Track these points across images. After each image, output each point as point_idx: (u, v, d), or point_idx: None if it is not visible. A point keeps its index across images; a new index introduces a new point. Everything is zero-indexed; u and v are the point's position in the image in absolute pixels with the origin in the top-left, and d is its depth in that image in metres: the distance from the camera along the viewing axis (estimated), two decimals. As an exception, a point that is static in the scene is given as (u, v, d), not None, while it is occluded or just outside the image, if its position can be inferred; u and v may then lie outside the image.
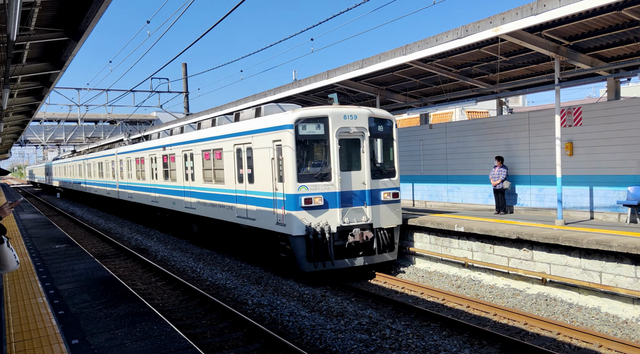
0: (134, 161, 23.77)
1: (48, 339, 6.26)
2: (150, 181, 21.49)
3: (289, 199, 11.47)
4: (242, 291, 11.41)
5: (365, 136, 12.01)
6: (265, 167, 12.38)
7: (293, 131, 11.40)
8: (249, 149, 13.14)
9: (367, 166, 12.01)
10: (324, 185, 11.54)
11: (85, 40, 11.24)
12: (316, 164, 11.72)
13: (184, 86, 34.72)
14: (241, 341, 8.39)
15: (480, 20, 10.93)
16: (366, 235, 11.73)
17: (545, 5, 9.60)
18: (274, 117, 12.30)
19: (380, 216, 12.21)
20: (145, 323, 6.84)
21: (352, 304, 10.08)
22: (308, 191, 11.40)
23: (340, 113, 11.76)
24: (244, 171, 13.45)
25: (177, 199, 18.57)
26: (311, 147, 11.80)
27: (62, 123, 52.10)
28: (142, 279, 13.14)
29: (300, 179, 11.39)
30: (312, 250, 11.29)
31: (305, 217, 11.35)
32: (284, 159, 11.56)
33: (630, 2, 9.79)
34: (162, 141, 20.30)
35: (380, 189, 12.23)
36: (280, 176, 11.82)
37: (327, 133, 11.63)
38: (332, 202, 11.57)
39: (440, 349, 7.69)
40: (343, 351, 7.69)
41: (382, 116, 12.50)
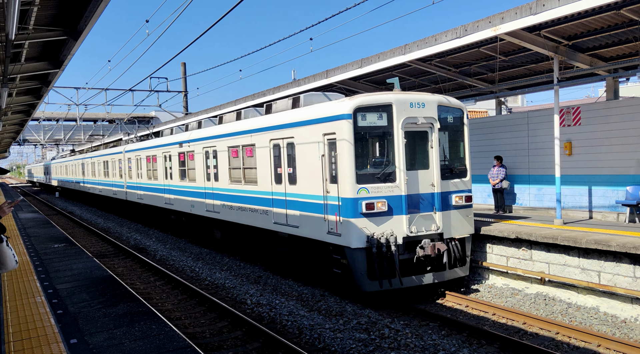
0: (145, 159, 21.92)
1: (47, 339, 6.25)
2: (164, 181, 19.61)
3: (346, 204, 9.72)
4: (241, 290, 11.41)
5: (434, 127, 10.28)
6: (312, 166, 10.65)
7: (352, 122, 9.60)
8: (289, 145, 11.40)
9: (437, 164, 10.26)
10: (388, 187, 9.82)
11: (84, 39, 11.23)
12: (378, 161, 9.97)
13: (183, 85, 34.70)
14: (240, 340, 8.39)
15: (479, 20, 10.94)
16: (438, 247, 9.98)
17: (545, 5, 9.60)
18: (323, 106, 10.62)
19: (452, 223, 10.46)
20: (144, 323, 6.84)
21: (350, 304, 10.09)
22: (369, 194, 9.64)
23: (405, 101, 10.00)
24: (284, 170, 11.67)
25: (196, 202, 16.69)
26: (372, 142, 10.04)
27: (61, 122, 52.05)
28: (140, 279, 13.13)
29: (360, 180, 9.63)
30: (377, 265, 9.51)
31: (366, 226, 9.60)
32: (339, 155, 9.79)
33: (629, 2, 9.79)
34: (178, 137, 18.42)
35: (450, 192, 10.50)
36: (332, 175, 10.12)
37: (390, 124, 9.88)
38: (397, 208, 9.83)
39: (439, 349, 7.69)
40: (342, 351, 7.70)
41: (452, 105, 10.74)
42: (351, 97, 10.01)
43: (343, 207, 9.80)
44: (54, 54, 13.65)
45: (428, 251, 9.89)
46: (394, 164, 9.89)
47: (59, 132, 55.68)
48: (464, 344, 7.94)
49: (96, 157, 31.56)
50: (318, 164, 10.46)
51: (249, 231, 13.84)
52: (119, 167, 26.08)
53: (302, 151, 10.99)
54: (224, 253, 15.88)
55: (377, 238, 9.53)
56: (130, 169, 24.14)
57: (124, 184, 25.28)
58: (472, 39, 11.12)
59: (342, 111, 9.80)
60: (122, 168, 25.38)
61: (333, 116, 10.01)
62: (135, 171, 23.37)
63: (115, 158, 26.78)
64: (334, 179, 10.08)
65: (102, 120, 55.22)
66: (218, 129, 15.19)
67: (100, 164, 30.40)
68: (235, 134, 13.90)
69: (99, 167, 30.57)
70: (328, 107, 10.36)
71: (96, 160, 31.47)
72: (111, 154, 27.84)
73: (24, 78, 15.89)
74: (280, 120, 11.91)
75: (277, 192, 12.04)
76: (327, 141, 10.23)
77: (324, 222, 10.35)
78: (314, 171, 10.61)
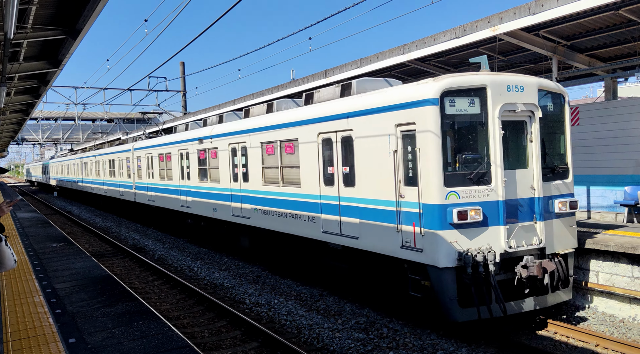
0: (157, 157, 19.88)
1: (45, 338, 6.25)
2: (180, 182, 17.62)
3: (431, 212, 7.81)
4: (240, 290, 11.41)
5: (534, 116, 8.34)
6: (378, 164, 8.77)
7: (438, 109, 7.72)
8: (345, 139, 9.57)
9: (537, 162, 8.35)
10: (482, 191, 7.90)
11: (82, 38, 11.23)
12: (469, 159, 8.08)
13: (182, 85, 34.70)
14: (239, 340, 8.39)
15: (478, 20, 10.96)
16: (545, 267, 8.10)
17: (543, 5, 9.62)
18: (395, 91, 8.70)
19: (554, 235, 8.56)
20: (143, 322, 6.84)
21: (349, 304, 10.10)
22: (459, 199, 7.78)
23: (502, 83, 8.11)
24: (337, 169, 9.91)
25: (220, 205, 14.74)
26: (461, 134, 8.16)
27: (59, 121, 52.04)
28: (139, 278, 13.12)
29: (449, 182, 7.75)
30: (474, 289, 7.63)
31: (457, 240, 7.73)
32: (421, 151, 7.89)
33: (627, 2, 9.82)
34: (196, 132, 16.44)
35: (552, 197, 8.63)
36: (409, 176, 8.24)
37: (484, 112, 7.98)
38: (493, 217, 7.93)
39: (438, 349, 7.70)
40: (341, 350, 7.70)
41: (553, 89, 8.83)
42: (435, 78, 8.13)
43: (426, 216, 7.90)
44: (53, 53, 13.64)
45: (534, 272, 7.92)
46: (488, 162, 8.00)
47: (58, 132, 55.64)
48: (463, 343, 7.95)
49: (101, 156, 29.71)
50: (387, 162, 8.55)
51: (287, 240, 11.97)
52: (127, 166, 24.22)
53: (363, 146, 9.12)
54: (222, 253, 15.88)
55: (472, 255, 7.59)
56: (140, 168, 22.26)
57: (132, 185, 23.40)
58: (471, 39, 11.14)
59: (424, 94, 7.90)
60: (131, 167, 23.45)
61: (411, 102, 8.12)
62: (146, 171, 21.45)
63: (122, 156, 24.82)
64: (411, 180, 8.22)
65: (100, 119, 55.18)
66: (247, 123, 13.24)
67: (105, 162, 28.63)
68: (270, 128, 12.01)
69: (104, 166, 28.87)
70: (403, 92, 8.43)
71: (101, 159, 29.65)
72: (118, 152, 25.90)
73: (22, 77, 15.87)
74: (332, 109, 10.02)
75: (327, 196, 10.20)
76: (400, 133, 8.34)
77: (396, 234, 8.46)
78: (381, 171, 8.75)
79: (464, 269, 7.65)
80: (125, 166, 24.42)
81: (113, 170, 26.85)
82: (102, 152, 29.69)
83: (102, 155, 29.31)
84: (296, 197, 11.23)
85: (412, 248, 8.17)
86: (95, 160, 30.94)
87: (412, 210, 8.16)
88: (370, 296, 10.04)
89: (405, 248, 8.30)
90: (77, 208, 35.55)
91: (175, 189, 18.06)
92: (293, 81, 17.77)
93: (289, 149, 11.48)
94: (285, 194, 11.61)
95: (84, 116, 47.80)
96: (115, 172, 26.27)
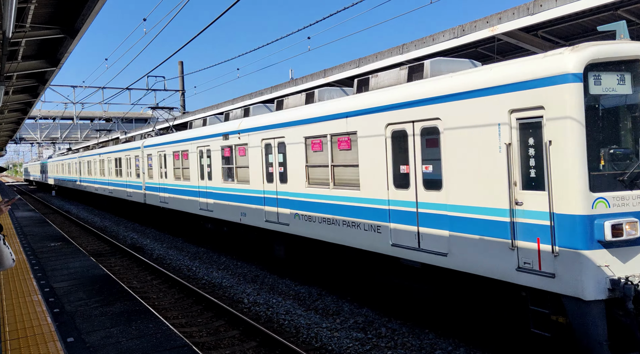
0: (171, 155, 18.07)
1: (43, 337, 6.24)
2: (199, 182, 15.85)
3: (571, 226, 6.03)
4: (238, 289, 11.41)
5: None
6: (480, 161, 6.96)
7: (581, 87, 5.95)
8: (428, 131, 7.76)
9: None
10: (637, 197, 6.24)
11: (81, 37, 11.22)
12: (619, 154, 6.34)
13: (180, 84, 34.70)
14: (237, 339, 8.40)
15: (477, 20, 10.97)
16: None
17: (542, 5, 9.64)
18: (510, 66, 6.77)
19: None
20: (141, 321, 6.84)
21: (348, 303, 10.10)
22: (609, 209, 6.03)
23: None
24: (414, 168, 7.98)
25: (250, 209, 12.91)
26: (609, 121, 6.34)
27: (57, 121, 51.98)
28: (137, 278, 13.12)
29: (595, 186, 5.99)
30: (637, 331, 5.87)
31: (607, 263, 5.97)
32: (553, 144, 6.09)
33: (625, 3, 9.84)
34: (219, 127, 14.64)
35: None
36: (531, 177, 6.49)
37: (637, 92, 6.32)
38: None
39: (436, 348, 7.71)
40: (339, 350, 7.71)
41: None
42: (573, 48, 6.24)
43: (562, 230, 6.09)
44: (51, 52, 13.63)
45: None
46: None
47: (56, 131, 55.60)
48: (461, 343, 7.96)
49: (106, 154, 27.87)
50: (495, 159, 6.77)
51: (338, 251, 10.26)
52: (136, 165, 22.38)
53: (456, 139, 7.32)
54: (221, 252, 15.87)
55: (635, 285, 5.81)
56: (151, 167, 20.39)
57: (142, 185, 21.57)
58: (469, 39, 11.16)
59: (561, 68, 6.06)
60: (141, 166, 21.55)
61: (536, 79, 6.28)
62: (157, 170, 19.62)
63: (131, 154, 22.85)
64: (533, 182, 6.43)
65: (99, 119, 55.14)
66: (285, 115, 11.44)
67: (111, 161, 26.80)
68: (316, 120, 10.34)
69: (109, 166, 27.06)
70: (521, 67, 6.56)
71: (106, 157, 27.81)
72: (126, 149, 23.97)
73: (20, 76, 15.86)
74: (409, 94, 8.11)
75: (398, 201, 8.38)
76: (517, 121, 6.56)
77: (509, 252, 6.65)
78: (484, 170, 6.95)
79: (618, 303, 5.87)
80: (134, 165, 22.61)
81: (120, 169, 25.08)
82: (107, 150, 27.92)
83: (107, 153, 27.54)
84: (353, 202, 9.39)
85: (535, 272, 6.35)
86: (101, 158, 28.98)
87: (536, 221, 6.36)
88: (369, 296, 9.73)
89: (524, 271, 6.46)
90: (75, 207, 35.52)
91: (193, 191, 16.29)
92: (291, 81, 17.78)
93: (344, 145, 9.66)
94: (339, 197, 9.81)
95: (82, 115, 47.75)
96: (123, 172, 24.41)
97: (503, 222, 6.68)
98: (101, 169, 28.73)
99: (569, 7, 9.27)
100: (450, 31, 11.52)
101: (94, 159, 30.40)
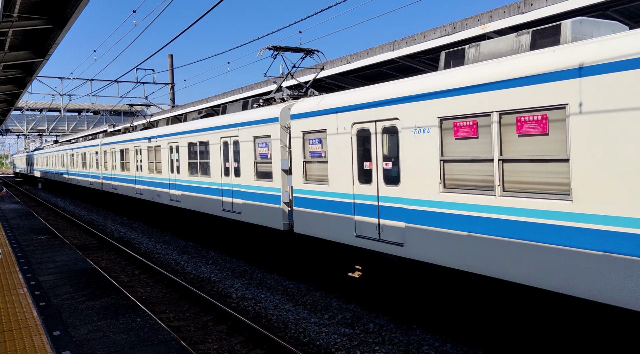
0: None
1: (29, 331, 6.19)
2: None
3: None
4: (227, 284, 11.39)
5: None
6: None
7: None
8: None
9: None
10: None
11: (69, 28, 11.08)
12: None
13: (170, 78, 34.42)
14: (225, 334, 8.38)
15: (468, 18, 11.00)
16: None
17: (532, 4, 9.69)
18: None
19: None
20: (129, 315, 6.80)
21: (336, 299, 10.12)
22: None
23: None
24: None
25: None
26: None
27: (44, 112, 51.38)
28: (125, 272, 13.03)
29: None
30: None
31: None
32: None
33: (614, 3, 9.92)
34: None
35: None
36: None
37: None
38: None
39: (423, 344, 7.76)
40: (327, 345, 7.73)
41: None
42: None
43: None
44: (39, 42, 13.44)
45: None
46: None
47: (43, 123, 54.96)
48: (448, 338, 8.02)
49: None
50: None
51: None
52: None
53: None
54: (209, 247, 15.82)
55: None
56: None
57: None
58: (460, 36, 11.19)
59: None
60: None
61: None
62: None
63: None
64: None
65: (86, 111, 54.60)
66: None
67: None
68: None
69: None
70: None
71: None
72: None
73: (7, 67, 15.63)
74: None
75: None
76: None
77: None
78: None
79: None
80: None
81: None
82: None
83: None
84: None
85: None
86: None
87: None
88: (357, 292, 9.62)
89: None
90: (62, 200, 35.17)
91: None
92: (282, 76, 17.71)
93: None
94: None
95: (69, 107, 47.28)
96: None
97: None
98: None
99: (558, 7, 9.32)
100: (441, 28, 11.55)
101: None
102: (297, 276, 11.80)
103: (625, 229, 5.25)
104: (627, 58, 5.16)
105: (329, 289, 10.69)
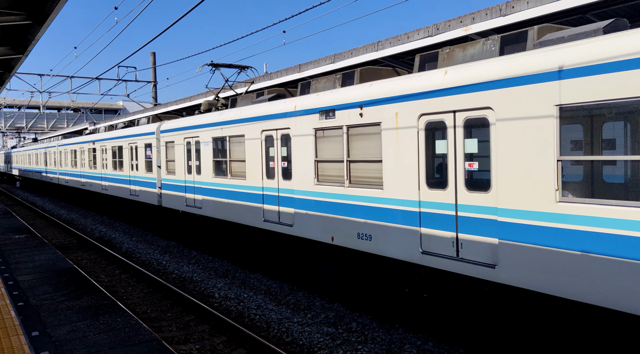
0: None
1: (7, 331, 6.08)
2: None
3: None
4: (209, 284, 11.32)
5: None
6: None
7: None
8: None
9: None
10: None
11: (50, 24, 10.90)
12: None
13: (152, 76, 34.08)
14: (207, 334, 8.34)
15: (451, 19, 11.10)
16: None
17: (514, 7, 9.81)
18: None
19: None
20: (109, 316, 6.73)
21: (319, 298, 10.13)
22: None
23: None
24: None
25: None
26: None
27: (23, 110, 50.48)
28: (105, 272, 12.88)
29: None
30: None
31: None
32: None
33: (593, 7, 10.09)
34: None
35: None
36: None
37: None
38: None
39: (406, 342, 7.82)
40: (309, 344, 7.74)
41: None
42: None
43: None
44: (18, 38, 13.20)
45: None
46: None
47: (21, 120, 54.01)
48: (430, 337, 8.09)
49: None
50: None
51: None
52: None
53: None
54: (192, 247, 15.70)
55: None
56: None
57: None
58: (443, 37, 11.28)
59: None
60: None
61: None
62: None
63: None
64: None
65: (66, 108, 53.79)
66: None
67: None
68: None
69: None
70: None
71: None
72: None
73: (-16, 63, 15.33)
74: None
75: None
76: None
77: None
78: None
79: None
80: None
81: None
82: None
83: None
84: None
85: None
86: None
87: None
88: (340, 291, 9.68)
89: None
90: (41, 199, 34.61)
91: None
92: (266, 75, 17.69)
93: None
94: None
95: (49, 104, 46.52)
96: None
97: None
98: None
99: (539, 10, 9.47)
100: (424, 29, 11.63)
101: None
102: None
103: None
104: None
105: (312, 288, 10.69)
